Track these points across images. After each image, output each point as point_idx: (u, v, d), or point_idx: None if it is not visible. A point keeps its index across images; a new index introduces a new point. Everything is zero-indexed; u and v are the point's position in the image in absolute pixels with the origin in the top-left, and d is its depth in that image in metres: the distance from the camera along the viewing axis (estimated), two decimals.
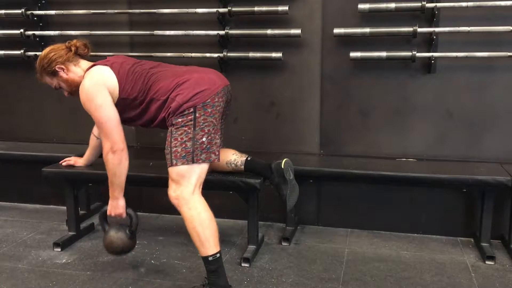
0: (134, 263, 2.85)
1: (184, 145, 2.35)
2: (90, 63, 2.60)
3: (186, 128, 2.36)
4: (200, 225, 2.31)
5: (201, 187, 2.41)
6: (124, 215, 2.60)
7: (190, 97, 2.37)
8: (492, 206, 2.95)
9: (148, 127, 2.62)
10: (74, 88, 2.60)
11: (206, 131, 2.38)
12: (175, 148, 2.36)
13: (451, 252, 2.99)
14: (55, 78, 2.61)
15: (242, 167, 2.74)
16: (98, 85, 2.45)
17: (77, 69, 2.60)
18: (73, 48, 2.61)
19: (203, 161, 2.38)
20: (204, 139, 2.37)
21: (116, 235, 2.59)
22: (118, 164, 2.45)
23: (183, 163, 2.35)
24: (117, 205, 2.56)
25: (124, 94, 2.48)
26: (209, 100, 2.39)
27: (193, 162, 2.35)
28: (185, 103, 2.37)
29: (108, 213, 2.60)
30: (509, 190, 2.84)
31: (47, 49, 2.62)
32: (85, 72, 2.55)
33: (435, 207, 3.22)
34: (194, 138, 2.35)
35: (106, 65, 2.52)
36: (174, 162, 2.35)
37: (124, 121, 2.54)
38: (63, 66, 2.58)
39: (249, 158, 2.75)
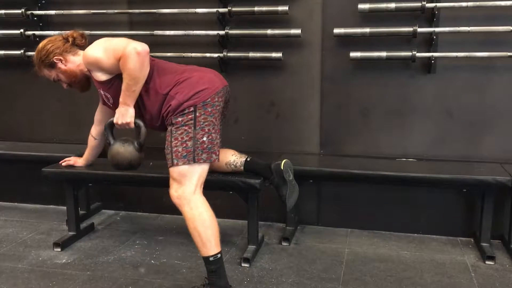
0: (134, 263, 2.85)
1: (185, 145, 2.35)
2: None
3: (186, 128, 2.36)
4: (202, 225, 2.31)
5: (202, 187, 2.41)
6: (132, 124, 2.42)
7: (190, 96, 2.37)
8: (492, 206, 2.95)
9: (151, 125, 2.59)
10: (73, 79, 2.57)
11: (207, 130, 2.38)
12: (175, 148, 2.35)
13: (451, 252, 2.99)
14: (54, 70, 2.57)
15: (242, 167, 2.74)
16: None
17: (76, 58, 2.56)
18: (70, 39, 2.57)
19: (204, 161, 2.38)
20: (204, 138, 2.37)
21: (123, 147, 2.42)
22: (140, 67, 2.29)
23: (184, 163, 2.34)
24: (126, 112, 2.40)
25: None
26: (209, 100, 2.39)
27: (194, 161, 2.35)
28: (186, 101, 2.37)
29: (115, 121, 2.43)
30: (509, 190, 2.84)
31: (44, 41, 2.58)
32: None
33: (435, 207, 3.22)
34: (195, 137, 2.35)
35: None
36: (175, 161, 2.35)
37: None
38: (61, 57, 2.53)
39: (248, 159, 2.75)
